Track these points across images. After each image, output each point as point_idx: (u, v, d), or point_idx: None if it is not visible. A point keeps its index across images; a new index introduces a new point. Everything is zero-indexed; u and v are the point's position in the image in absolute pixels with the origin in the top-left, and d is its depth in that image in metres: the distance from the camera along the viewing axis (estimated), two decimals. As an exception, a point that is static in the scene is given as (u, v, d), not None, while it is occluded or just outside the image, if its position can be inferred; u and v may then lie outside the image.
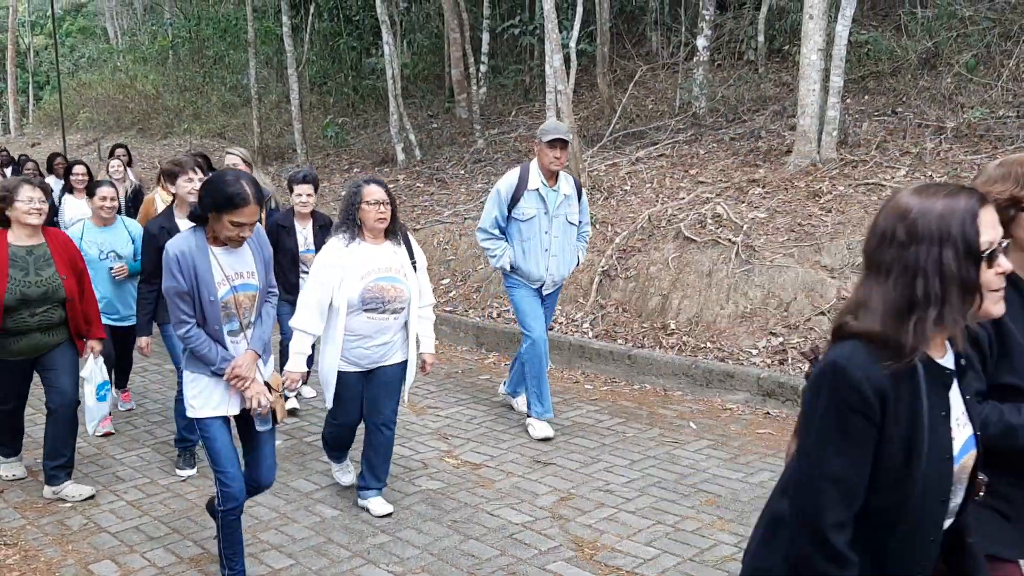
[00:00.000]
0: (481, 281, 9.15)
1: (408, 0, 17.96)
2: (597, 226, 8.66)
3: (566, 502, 4.89)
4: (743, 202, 8.23)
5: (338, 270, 4.46)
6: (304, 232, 6.38)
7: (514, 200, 5.77)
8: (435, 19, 17.26)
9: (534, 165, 5.84)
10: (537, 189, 5.77)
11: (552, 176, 5.82)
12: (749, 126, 10.26)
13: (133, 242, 6.24)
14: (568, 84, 10.88)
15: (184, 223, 4.76)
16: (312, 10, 18.26)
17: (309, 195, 6.32)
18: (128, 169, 9.85)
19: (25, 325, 4.80)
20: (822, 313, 6.76)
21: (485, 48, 14.88)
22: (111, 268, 6.16)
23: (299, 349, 4.58)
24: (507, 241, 5.90)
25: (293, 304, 4.93)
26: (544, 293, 6.02)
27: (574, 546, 4.37)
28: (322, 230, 6.26)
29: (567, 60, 11.42)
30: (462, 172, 12.43)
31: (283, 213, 6.52)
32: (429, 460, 5.56)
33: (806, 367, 1.77)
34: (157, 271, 4.11)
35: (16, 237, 4.79)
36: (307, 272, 5.68)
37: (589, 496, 4.95)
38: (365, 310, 4.48)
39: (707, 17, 11.35)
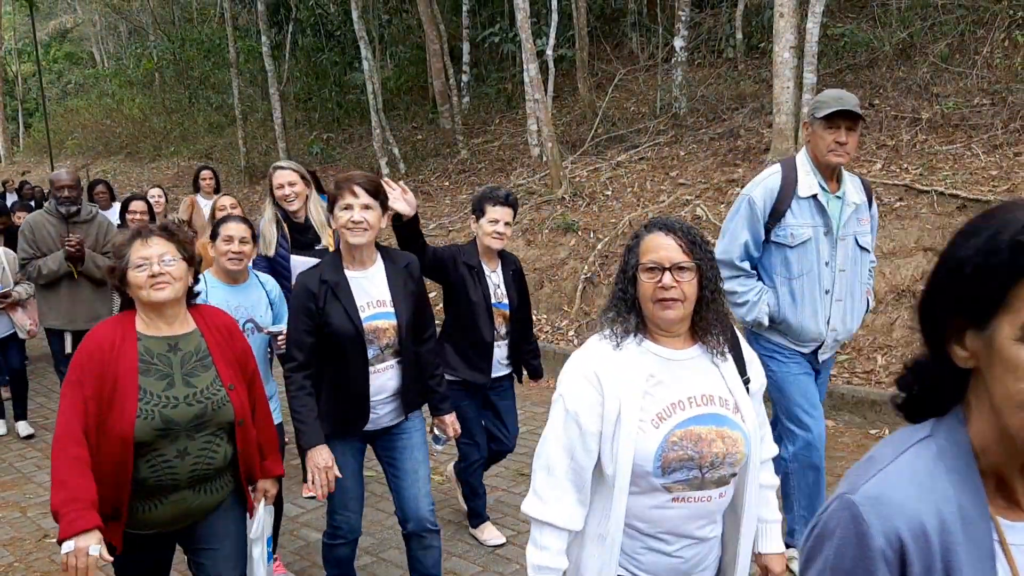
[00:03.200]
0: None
1: (389, 12, 18.01)
2: (579, 232, 8.69)
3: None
4: (723, 203, 8.26)
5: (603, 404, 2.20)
6: (495, 276, 4.38)
7: (776, 214, 3.79)
8: (416, 31, 17.32)
9: (803, 158, 3.84)
10: (814, 196, 3.78)
11: (833, 175, 3.83)
12: (728, 125, 10.29)
13: (272, 305, 4.24)
14: (548, 92, 10.92)
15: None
16: (293, 27, 18.32)
17: (508, 224, 4.26)
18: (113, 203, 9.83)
19: (169, 474, 2.81)
20: (803, 311, 6.77)
21: (466, 58, 14.93)
22: (268, 337, 4.19)
23: (539, 563, 2.24)
24: (764, 280, 3.93)
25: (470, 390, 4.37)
26: (820, 359, 4.04)
27: (556, 559, 4.38)
28: (515, 276, 4.47)
29: (544, 67, 11.46)
30: (446, 183, 12.46)
31: (466, 247, 4.37)
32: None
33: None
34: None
35: (150, 323, 2.87)
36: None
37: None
38: (667, 484, 2.17)
39: (684, 17, 11.38)
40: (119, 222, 6.90)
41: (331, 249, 4.73)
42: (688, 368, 2.23)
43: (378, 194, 3.36)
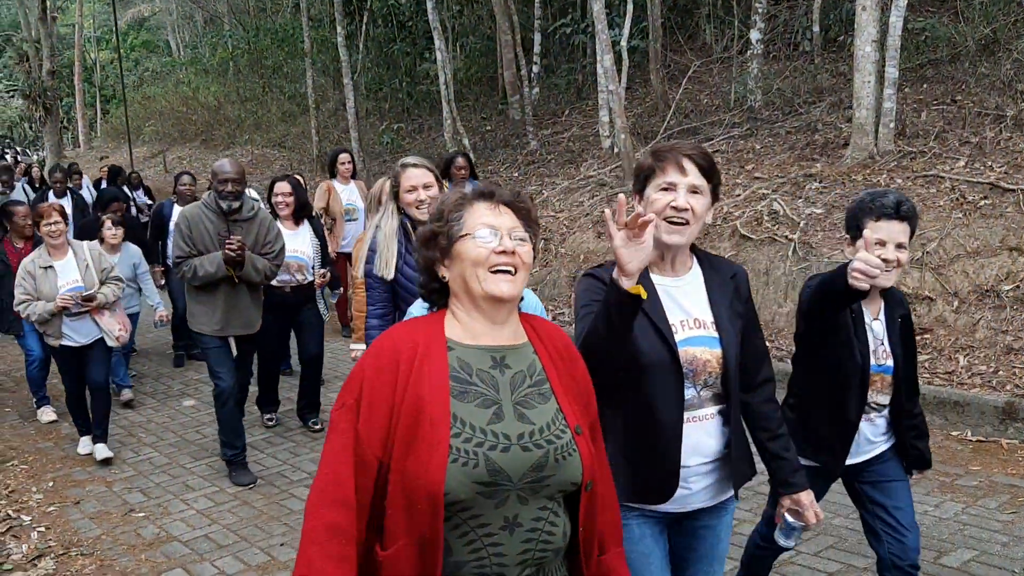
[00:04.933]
0: (536, 284, 9.21)
1: (460, 3, 18.09)
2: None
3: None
4: (800, 197, 8.15)
5: None
6: (877, 326, 3.23)
7: None
8: (487, 22, 17.36)
9: None
10: None
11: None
12: (805, 119, 10.14)
13: None
14: (620, 84, 10.88)
15: None
16: (366, 17, 18.51)
17: (901, 247, 3.01)
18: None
19: (495, 560, 1.86)
20: (882, 309, 6.66)
21: (537, 48, 14.93)
22: None
23: None
24: None
25: None
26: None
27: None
28: (903, 325, 3.28)
29: (618, 59, 11.41)
30: (516, 174, 12.50)
31: None
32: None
33: None
34: None
35: (468, 325, 2.00)
36: None
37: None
38: None
39: (760, 9, 11.23)
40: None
41: None
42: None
43: (712, 174, 2.41)
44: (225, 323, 5.62)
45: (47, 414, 7.01)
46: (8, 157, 27.49)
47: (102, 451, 6.05)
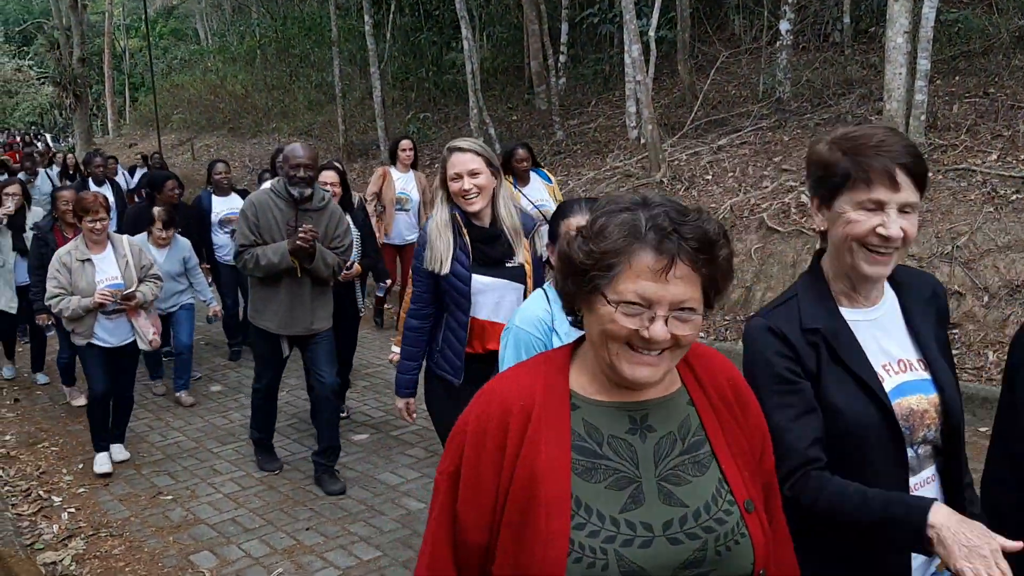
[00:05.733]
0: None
1: (487, -8, 18.09)
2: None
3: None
4: (828, 190, 8.08)
5: None
6: None
7: None
8: (514, 11, 17.33)
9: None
10: None
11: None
12: (835, 111, 10.05)
13: None
14: (648, 74, 10.82)
15: None
16: (393, 6, 18.53)
17: None
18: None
19: None
20: (910, 303, 6.61)
21: (564, 38, 14.89)
22: None
23: None
24: None
25: None
26: None
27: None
28: None
29: (646, 49, 11.36)
30: (542, 165, 12.47)
31: None
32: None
33: None
34: None
35: (593, 379, 1.55)
36: None
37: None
38: None
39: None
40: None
41: (527, 267, 3.57)
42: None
43: (925, 183, 1.84)
44: (289, 321, 5.15)
45: (78, 399, 7.03)
46: (40, 144, 27.81)
47: (118, 452, 5.80)
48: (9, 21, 46.15)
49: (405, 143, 8.54)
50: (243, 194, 7.85)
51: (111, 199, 8.83)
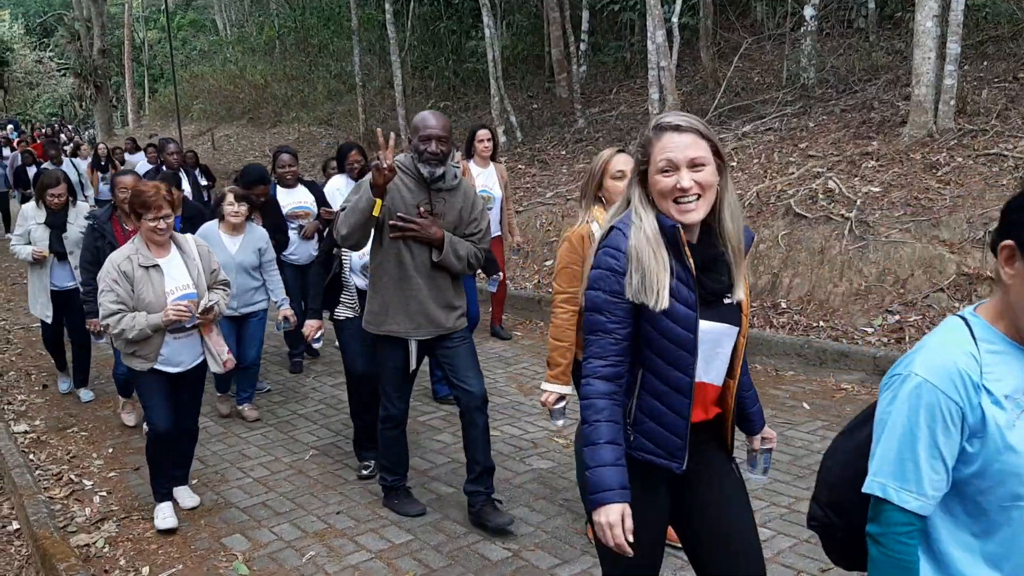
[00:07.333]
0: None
1: (508, -19, 18.03)
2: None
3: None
4: (856, 176, 8.01)
5: None
6: None
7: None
8: (534, -1, 17.29)
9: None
10: None
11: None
12: (861, 97, 9.96)
13: None
14: (671, 60, 10.76)
15: None
16: (413, -5, 18.51)
17: None
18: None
19: None
20: (941, 290, 6.55)
21: (585, 26, 14.83)
22: None
23: None
24: None
25: None
26: None
27: (688, 526, 4.37)
28: None
29: (668, 36, 11.29)
30: (563, 152, 12.44)
31: None
32: (539, 440, 5.64)
33: None
34: None
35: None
36: None
37: (701, 476, 4.93)
38: None
39: (815, -15, 11.05)
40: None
41: (745, 302, 2.72)
42: None
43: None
44: (417, 321, 4.30)
45: (129, 416, 6.30)
46: (63, 135, 27.98)
47: (187, 497, 4.86)
48: (30, 13, 46.43)
49: (482, 133, 7.49)
50: (310, 186, 7.18)
51: (188, 192, 8.09)
